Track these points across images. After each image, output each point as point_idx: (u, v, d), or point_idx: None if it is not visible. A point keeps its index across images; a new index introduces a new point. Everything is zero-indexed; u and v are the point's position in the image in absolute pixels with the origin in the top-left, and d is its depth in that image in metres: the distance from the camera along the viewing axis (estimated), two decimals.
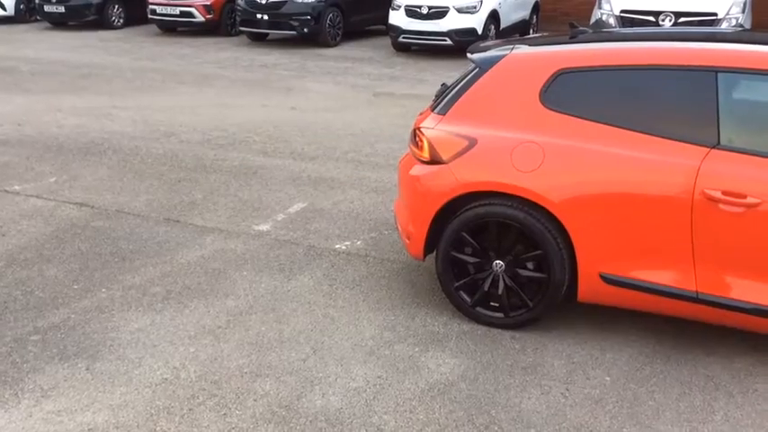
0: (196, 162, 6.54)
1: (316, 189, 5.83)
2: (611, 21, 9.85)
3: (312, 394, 3.17)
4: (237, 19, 14.17)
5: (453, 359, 3.45)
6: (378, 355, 3.48)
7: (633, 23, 9.65)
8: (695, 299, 3.34)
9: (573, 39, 3.96)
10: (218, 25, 14.95)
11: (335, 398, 3.15)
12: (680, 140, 3.34)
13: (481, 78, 3.80)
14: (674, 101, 3.46)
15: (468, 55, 4.05)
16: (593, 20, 10.23)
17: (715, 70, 3.36)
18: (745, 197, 3.17)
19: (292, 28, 13.47)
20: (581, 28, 4.08)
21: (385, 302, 4.01)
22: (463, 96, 3.82)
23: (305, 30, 13.39)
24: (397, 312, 3.90)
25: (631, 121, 3.44)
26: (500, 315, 3.73)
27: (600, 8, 10.34)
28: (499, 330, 3.70)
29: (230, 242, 4.79)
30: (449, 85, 4.13)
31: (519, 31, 13.42)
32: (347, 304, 3.99)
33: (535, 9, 14.40)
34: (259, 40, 14.46)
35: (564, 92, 3.59)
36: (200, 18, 14.78)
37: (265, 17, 13.45)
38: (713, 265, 3.30)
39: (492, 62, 3.82)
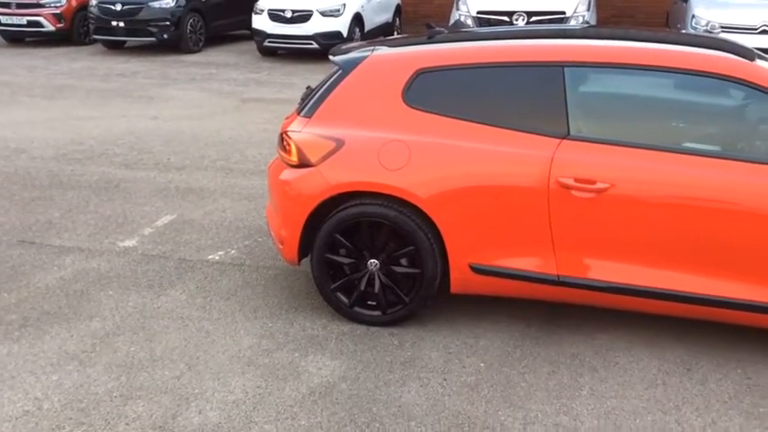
0: (51, 179, 6.15)
1: (184, 200, 5.65)
2: (469, 21, 10.22)
3: (188, 412, 3.07)
4: (91, 27, 13.45)
5: (334, 361, 3.45)
6: (256, 365, 3.42)
7: (489, 23, 10.07)
8: (557, 282, 3.52)
9: (430, 39, 4.08)
10: (71, 34, 14.11)
11: (213, 413, 3.06)
12: (534, 133, 3.51)
13: (344, 80, 3.83)
14: (526, 95, 3.63)
15: (331, 57, 4.07)
16: (451, 21, 10.58)
17: (561, 65, 3.56)
18: (594, 183, 3.38)
19: (151, 34, 12.97)
20: (437, 28, 4.20)
21: (262, 310, 3.94)
22: (328, 98, 3.83)
23: (164, 36, 12.94)
24: (275, 319, 3.85)
25: (488, 117, 3.58)
26: (378, 313, 3.77)
27: (458, 9, 10.70)
28: (378, 328, 3.74)
29: (93, 261, 4.54)
30: (314, 87, 4.13)
31: (383, 33, 13.64)
32: (222, 316, 3.89)
33: (398, 11, 14.70)
34: (116, 48, 13.82)
35: (424, 91, 3.68)
36: (49, 27, 13.90)
37: (121, 24, 12.87)
38: (571, 249, 3.49)
39: (354, 64, 3.85)
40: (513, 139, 3.53)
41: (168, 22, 12.87)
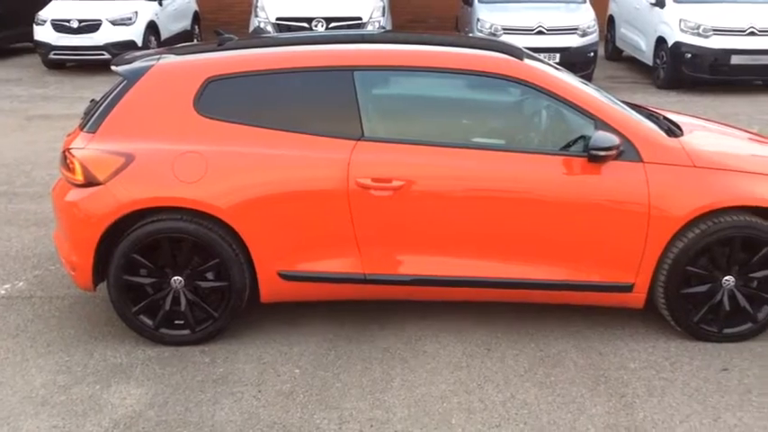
0: None
1: None
2: (269, 28, 10.18)
3: None
4: None
5: (139, 388, 3.26)
6: (52, 404, 3.14)
7: (290, 30, 10.10)
8: (365, 280, 3.60)
9: (220, 46, 3.99)
10: None
11: None
12: (330, 136, 3.56)
13: (130, 91, 3.63)
14: (320, 100, 3.67)
15: (113, 68, 3.85)
16: (251, 28, 10.47)
17: (351, 69, 3.64)
18: (391, 181, 3.49)
19: None
20: (227, 35, 4.13)
21: (57, 344, 3.64)
22: (113, 111, 3.62)
23: None
24: (72, 352, 3.56)
25: (284, 123, 3.58)
26: (186, 332, 3.63)
27: (257, 16, 10.62)
28: (188, 348, 3.60)
29: None
30: (98, 100, 3.88)
31: (182, 42, 13.17)
32: (11, 354, 3.54)
33: (196, 18, 14.28)
34: None
35: (217, 99, 3.60)
36: None
37: None
38: (375, 247, 3.58)
39: (139, 74, 3.67)
40: (310, 143, 3.55)
41: None
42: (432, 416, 3.07)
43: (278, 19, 10.31)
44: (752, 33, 9.73)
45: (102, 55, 11.61)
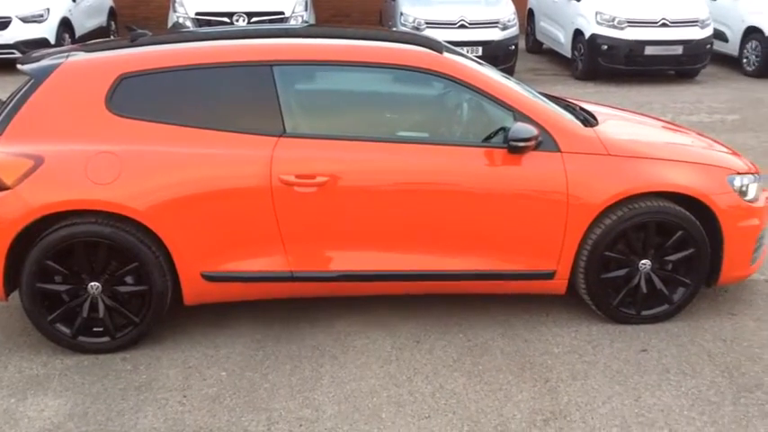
0: None
1: None
2: (188, 23, 9.93)
3: None
4: None
5: (57, 399, 3.13)
6: None
7: (210, 25, 9.87)
8: (291, 278, 3.56)
9: (133, 42, 3.86)
10: None
11: None
12: (251, 133, 3.49)
13: (37, 90, 3.48)
14: (239, 96, 3.59)
15: (20, 66, 3.68)
16: (170, 23, 10.20)
17: (270, 64, 3.58)
18: (315, 177, 3.46)
19: None
20: (140, 31, 4.00)
21: None
22: (20, 112, 3.45)
23: None
24: None
25: (203, 120, 3.49)
26: (106, 339, 3.50)
27: (175, 11, 10.34)
28: (109, 355, 3.47)
29: None
30: (4, 101, 3.69)
31: (98, 38, 12.72)
32: None
33: (112, 14, 13.80)
34: None
35: (130, 97, 3.48)
36: None
37: None
38: (301, 244, 3.55)
39: (46, 72, 3.52)
40: (231, 140, 3.48)
41: None
42: (362, 411, 3.07)
43: (197, 14, 10.07)
44: (664, 25, 10.12)
45: (12, 53, 11.05)
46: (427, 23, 10.06)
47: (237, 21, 9.93)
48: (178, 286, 3.52)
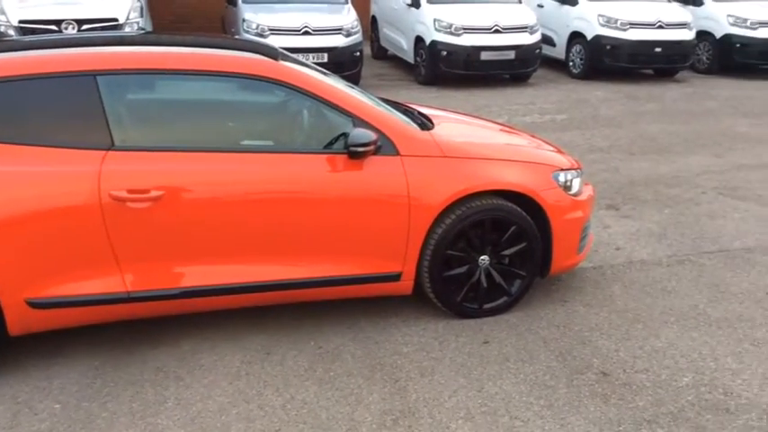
0: None
1: None
2: (11, 32, 9.20)
3: None
4: None
5: None
6: None
7: (36, 33, 9.20)
8: (128, 299, 3.37)
9: None
10: None
11: None
12: (75, 148, 3.28)
13: None
14: (60, 108, 3.35)
15: None
16: None
17: (93, 74, 3.38)
18: (148, 192, 3.30)
19: None
20: None
21: None
22: None
23: None
24: None
25: (19, 135, 3.23)
26: None
27: None
28: None
29: None
30: None
31: None
32: None
33: None
34: None
35: None
36: None
37: None
38: (138, 263, 3.37)
39: None
40: (53, 156, 3.24)
41: None
42: (210, 431, 2.96)
43: (21, 22, 9.34)
44: (497, 31, 10.68)
45: None
46: (271, 30, 9.98)
47: (66, 29, 9.33)
48: (1, 316, 3.23)
